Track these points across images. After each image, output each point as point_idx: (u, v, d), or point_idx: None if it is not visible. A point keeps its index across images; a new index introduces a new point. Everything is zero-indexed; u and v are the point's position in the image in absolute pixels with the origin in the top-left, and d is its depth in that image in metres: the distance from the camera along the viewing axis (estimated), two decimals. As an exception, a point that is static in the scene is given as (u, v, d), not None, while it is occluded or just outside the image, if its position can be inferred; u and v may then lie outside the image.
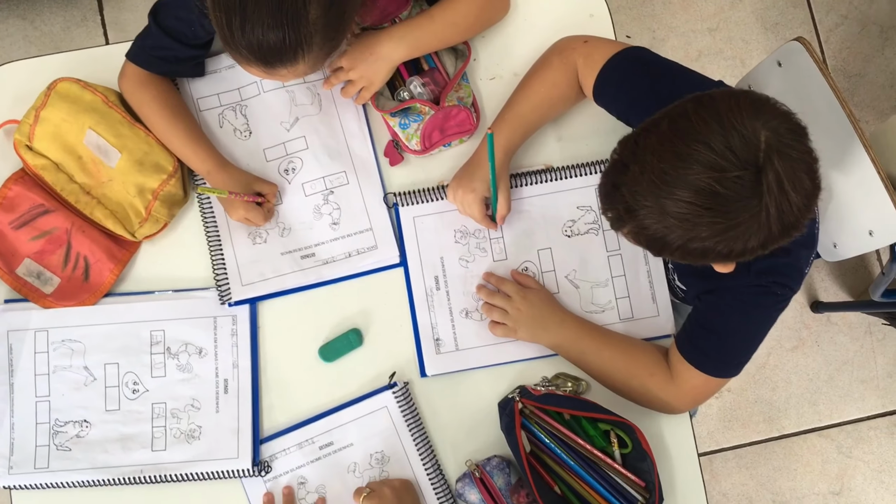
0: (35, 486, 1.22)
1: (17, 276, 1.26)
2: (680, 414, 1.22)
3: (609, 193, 0.94)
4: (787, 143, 0.84)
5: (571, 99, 1.24)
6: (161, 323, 1.25)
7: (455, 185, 1.23)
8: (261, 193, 1.24)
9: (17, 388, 1.24)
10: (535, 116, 1.23)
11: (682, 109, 0.89)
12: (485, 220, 1.23)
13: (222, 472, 1.21)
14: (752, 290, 1.07)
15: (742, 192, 0.84)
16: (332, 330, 1.26)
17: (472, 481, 1.19)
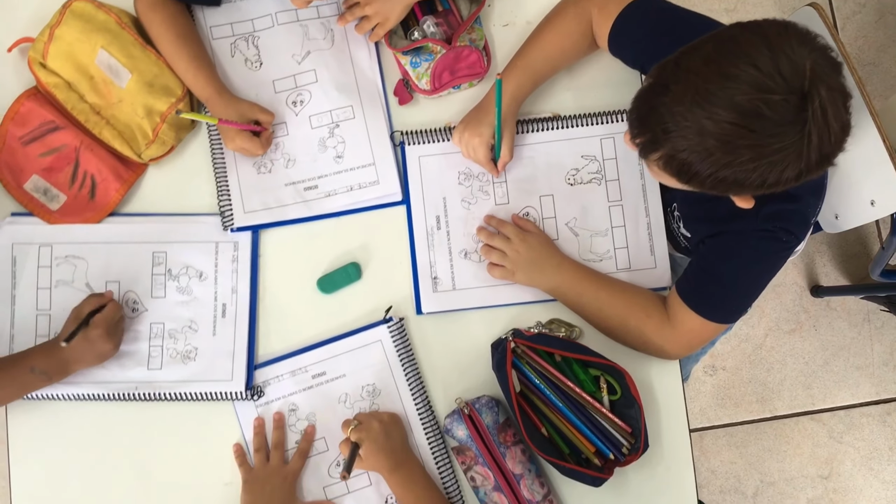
0: (31, 396, 1.23)
1: (24, 191, 1.27)
2: (674, 359, 1.22)
3: (644, 116, 0.93)
4: (829, 75, 0.85)
5: (584, 49, 1.25)
6: (163, 245, 1.26)
7: (462, 127, 1.23)
8: (259, 123, 1.25)
9: (18, 301, 1.26)
10: (546, 66, 1.24)
11: (728, 34, 0.88)
12: (488, 164, 1.24)
13: (216, 393, 1.23)
14: (757, 234, 1.07)
15: (787, 116, 0.84)
16: (332, 263, 1.28)
17: (461, 418, 1.20)
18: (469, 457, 1.19)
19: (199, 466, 1.24)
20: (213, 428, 1.25)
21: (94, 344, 1.16)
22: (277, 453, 1.21)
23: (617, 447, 1.17)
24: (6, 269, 1.26)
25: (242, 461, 1.22)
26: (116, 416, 1.25)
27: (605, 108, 1.28)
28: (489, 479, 1.18)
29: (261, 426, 1.23)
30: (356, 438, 1.13)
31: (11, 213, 1.28)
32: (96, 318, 1.17)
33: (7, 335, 1.25)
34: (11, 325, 1.25)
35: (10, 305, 1.26)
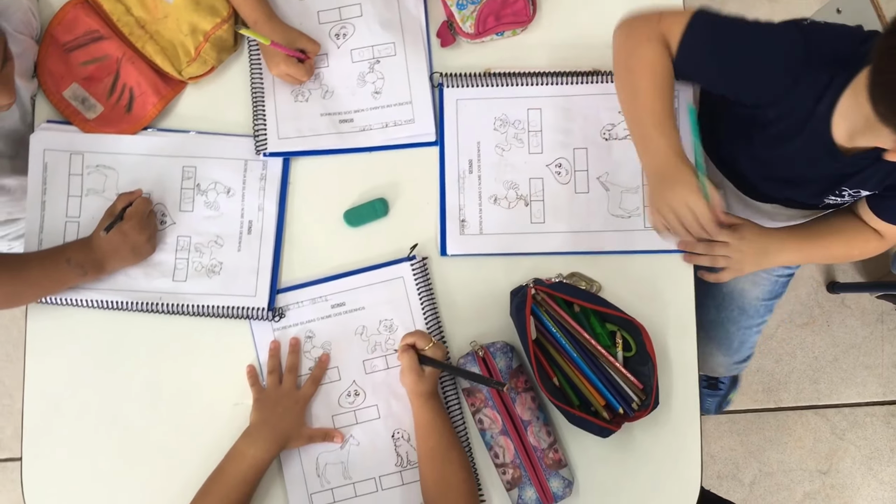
0: (55, 301, 1.24)
1: (63, 97, 1.28)
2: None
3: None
4: None
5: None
6: (193, 160, 1.27)
7: (660, 197, 1.13)
8: (303, 51, 1.25)
9: (48, 206, 1.27)
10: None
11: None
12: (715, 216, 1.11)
13: (238, 308, 1.24)
14: None
15: None
16: (360, 196, 1.28)
17: (475, 360, 1.20)
18: (479, 399, 1.20)
19: (210, 385, 1.25)
20: (228, 348, 1.26)
21: (128, 236, 1.18)
22: (290, 377, 1.22)
23: (627, 402, 1.18)
24: (38, 174, 1.27)
25: (255, 381, 1.23)
26: (133, 327, 1.26)
27: (647, 68, 1.27)
28: (497, 422, 1.19)
29: (276, 349, 1.23)
30: (432, 354, 1.15)
31: (46, 120, 1.29)
32: (129, 211, 1.19)
33: (36, 239, 1.26)
34: (41, 229, 1.26)
35: (39, 211, 1.27)
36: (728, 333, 1.51)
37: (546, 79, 1.27)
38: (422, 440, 1.16)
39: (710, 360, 1.57)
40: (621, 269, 1.26)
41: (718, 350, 1.54)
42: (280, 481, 1.22)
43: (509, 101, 1.28)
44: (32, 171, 1.27)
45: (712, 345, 1.54)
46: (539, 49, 1.30)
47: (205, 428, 1.23)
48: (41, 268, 1.19)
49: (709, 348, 1.54)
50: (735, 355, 1.54)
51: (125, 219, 1.19)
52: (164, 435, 1.25)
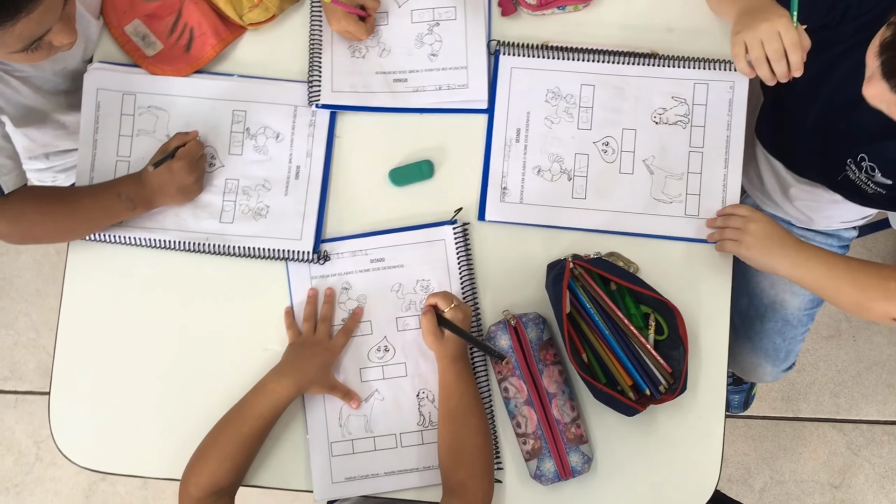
0: (105, 238, 1.26)
1: (124, 32, 1.29)
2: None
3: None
4: None
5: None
6: (244, 104, 1.28)
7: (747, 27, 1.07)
8: (364, 7, 1.26)
9: (99, 145, 1.29)
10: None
11: None
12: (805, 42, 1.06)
13: (283, 251, 1.25)
14: None
15: None
16: (406, 157, 1.29)
17: (506, 328, 1.21)
18: (507, 368, 1.20)
19: (242, 328, 1.27)
20: (263, 294, 1.27)
21: (176, 175, 1.19)
22: (325, 326, 1.23)
23: (654, 384, 1.18)
24: (90, 113, 1.29)
25: (291, 324, 1.24)
26: (172, 266, 1.28)
27: (705, 54, 1.27)
28: (522, 392, 1.20)
29: (314, 297, 1.25)
30: (453, 318, 1.16)
31: (99, 60, 1.30)
32: (181, 151, 1.20)
33: (87, 177, 1.28)
34: (92, 167, 1.28)
35: (91, 149, 1.28)
36: (775, 345, 1.51)
37: (603, 56, 1.27)
38: (442, 401, 1.17)
39: (757, 370, 1.57)
40: (660, 253, 1.26)
41: (767, 361, 1.54)
42: (301, 427, 1.23)
43: (564, 75, 1.28)
44: (85, 109, 1.29)
45: (760, 356, 1.54)
46: (598, 27, 1.30)
47: (233, 370, 1.25)
48: (93, 200, 1.21)
49: (757, 359, 1.54)
50: (782, 364, 1.55)
51: (176, 158, 1.20)
52: (193, 373, 1.26)
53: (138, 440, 1.26)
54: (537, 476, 1.19)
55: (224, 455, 1.13)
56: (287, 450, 1.23)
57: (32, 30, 0.97)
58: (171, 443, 1.23)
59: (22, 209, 1.16)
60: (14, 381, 2.11)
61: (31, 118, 1.28)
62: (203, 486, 1.11)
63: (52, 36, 1.02)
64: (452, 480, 1.11)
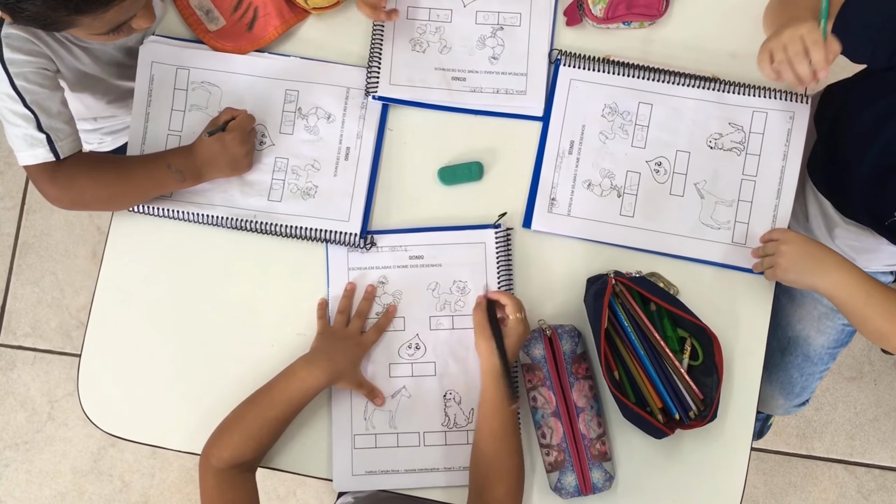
0: (150, 211, 1.27)
1: (188, 4, 1.30)
2: None
3: None
4: None
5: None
6: (296, 83, 1.29)
7: (775, 35, 1.07)
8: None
9: (151, 118, 1.29)
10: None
11: None
12: (833, 47, 1.05)
13: (330, 231, 1.25)
14: None
15: None
16: (457, 156, 1.28)
17: (541, 338, 1.20)
18: (538, 377, 1.20)
19: (278, 310, 1.27)
20: (303, 278, 1.27)
21: (228, 147, 1.20)
22: (358, 321, 1.23)
23: (685, 409, 1.17)
24: (144, 86, 1.29)
25: (323, 315, 1.24)
26: (214, 241, 1.28)
27: (766, 83, 1.26)
28: (551, 403, 1.19)
29: (351, 292, 1.25)
30: (513, 327, 1.15)
31: (153, 33, 1.30)
32: (232, 124, 1.21)
33: (138, 149, 1.29)
34: (143, 140, 1.28)
35: (143, 122, 1.29)
36: (791, 378, 1.50)
37: (664, 76, 1.27)
38: (484, 419, 1.15)
39: (770, 402, 1.56)
40: (701, 278, 1.25)
41: (780, 393, 1.53)
42: (326, 418, 1.23)
43: (622, 91, 1.27)
44: (139, 81, 1.29)
45: (774, 387, 1.53)
46: (661, 45, 1.29)
47: (265, 351, 1.25)
48: (144, 169, 1.22)
49: (770, 390, 1.53)
50: (796, 399, 1.53)
51: (228, 129, 1.21)
52: (223, 350, 1.27)
53: (161, 411, 1.26)
54: (557, 489, 1.19)
55: (248, 433, 1.13)
56: (309, 436, 1.24)
57: (120, 16, 1.01)
58: (194, 417, 1.23)
59: (74, 174, 1.17)
60: (34, 339, 2.13)
61: (87, 84, 1.29)
62: (225, 459, 1.11)
63: (134, 20, 1.05)
64: (489, 496, 1.11)
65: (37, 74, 1.11)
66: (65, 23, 1.00)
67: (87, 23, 1.00)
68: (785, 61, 1.05)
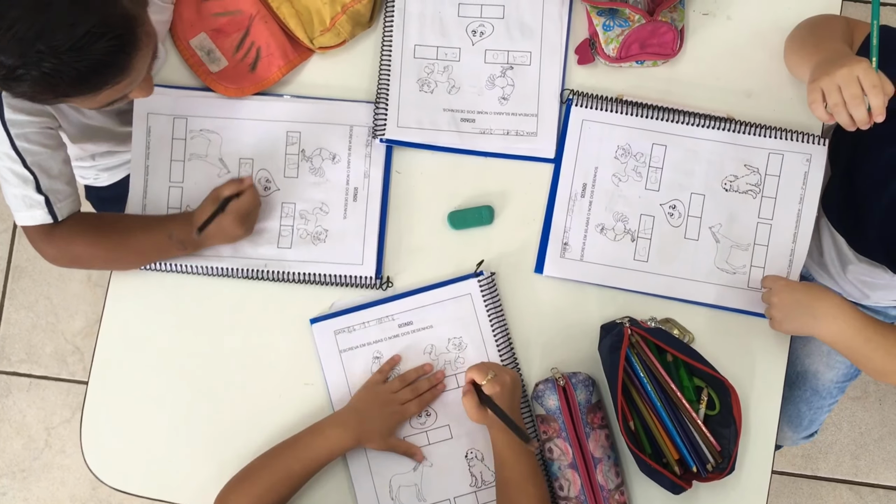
0: (158, 268, 1.24)
1: (189, 45, 1.26)
2: None
3: None
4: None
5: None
6: (297, 125, 1.25)
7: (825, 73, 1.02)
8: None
9: (151, 171, 1.25)
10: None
11: None
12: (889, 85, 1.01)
13: (345, 276, 1.22)
14: None
15: None
16: (467, 200, 1.26)
17: (555, 388, 1.18)
18: (553, 428, 1.18)
19: (286, 360, 1.24)
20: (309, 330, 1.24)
21: (227, 230, 1.16)
22: (409, 392, 1.19)
23: (702, 461, 1.15)
24: (141, 138, 1.25)
25: (385, 370, 1.21)
26: (219, 291, 1.26)
27: (782, 124, 1.23)
28: (567, 454, 1.17)
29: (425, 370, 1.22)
30: (491, 392, 1.11)
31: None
32: (231, 205, 1.15)
33: (140, 204, 1.25)
34: (144, 195, 1.25)
35: (143, 175, 1.25)
36: (799, 412, 1.49)
37: (677, 116, 1.24)
38: (498, 469, 1.14)
39: (777, 434, 1.54)
40: (716, 323, 1.23)
41: (787, 426, 1.51)
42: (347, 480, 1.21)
43: (636, 132, 1.25)
44: (136, 135, 1.25)
45: (782, 420, 1.50)
46: (675, 84, 1.26)
47: (273, 401, 1.23)
48: (145, 235, 1.19)
49: (778, 423, 1.51)
50: (804, 431, 1.52)
51: (227, 212, 1.15)
52: (231, 401, 1.24)
53: (167, 463, 1.24)
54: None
55: (269, 485, 1.11)
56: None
57: (114, 96, 0.97)
58: (200, 470, 1.22)
59: (72, 236, 1.14)
60: (29, 365, 2.09)
61: (90, 134, 1.26)
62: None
63: (132, 92, 1.01)
64: None
65: (39, 134, 1.08)
66: (56, 101, 0.98)
67: (79, 102, 0.98)
68: (840, 104, 1.01)
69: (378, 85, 1.26)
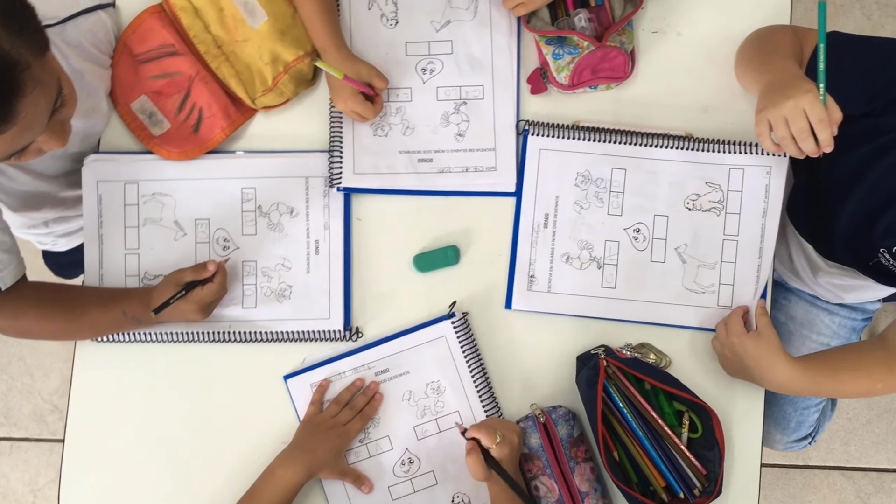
0: (119, 339, 1.22)
1: (130, 109, 1.23)
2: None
3: None
4: None
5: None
6: (253, 180, 1.23)
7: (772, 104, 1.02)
8: (371, 86, 1.19)
9: (105, 240, 1.23)
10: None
11: None
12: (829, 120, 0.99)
13: (313, 332, 1.21)
14: None
15: None
16: (431, 242, 1.24)
17: (535, 425, 1.17)
18: (537, 466, 1.17)
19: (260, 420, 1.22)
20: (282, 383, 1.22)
21: (185, 314, 1.14)
22: (350, 413, 1.19)
23: (689, 487, 1.15)
24: (93, 207, 1.23)
25: (316, 400, 1.21)
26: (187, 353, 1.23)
27: (742, 136, 1.22)
28: (553, 491, 1.16)
29: (357, 388, 1.21)
30: (499, 456, 1.08)
31: (95, 151, 1.24)
32: (194, 295, 1.12)
33: (96, 274, 1.22)
34: (100, 264, 1.22)
35: (97, 245, 1.23)
36: (785, 414, 1.49)
37: (636, 139, 1.22)
38: None
39: (767, 437, 1.54)
40: (693, 344, 1.22)
41: (775, 429, 1.51)
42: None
43: (594, 157, 1.23)
44: (87, 204, 1.22)
45: (769, 423, 1.51)
46: (631, 106, 1.25)
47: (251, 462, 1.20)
48: (99, 311, 1.16)
49: (766, 426, 1.51)
50: (793, 434, 1.52)
51: (188, 299, 1.11)
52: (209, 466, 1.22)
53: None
54: (568, 578, 1.16)
55: None
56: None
57: (7, 147, 0.86)
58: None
59: (22, 308, 1.11)
60: (8, 428, 2.05)
61: (32, 202, 1.22)
62: None
63: (39, 143, 0.91)
64: None
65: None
66: None
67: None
68: (788, 137, 1.01)
69: (331, 133, 1.23)
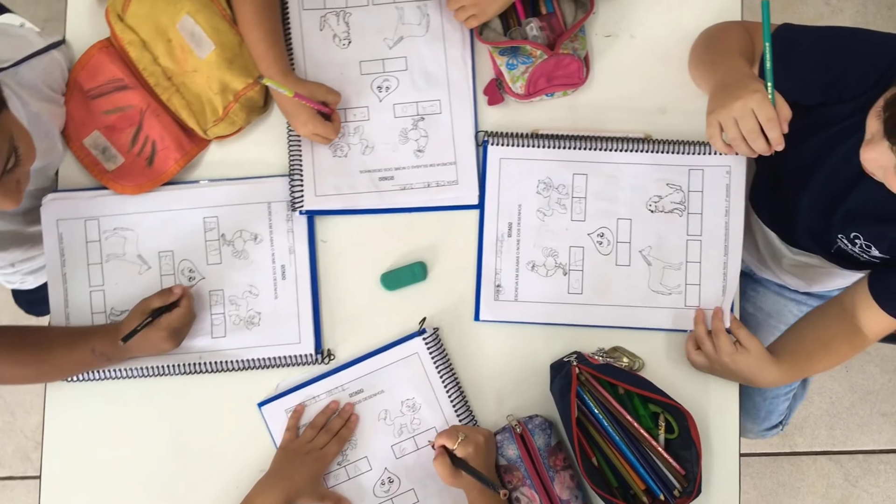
0: (90, 378, 1.21)
1: (82, 145, 1.22)
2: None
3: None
4: None
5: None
6: (214, 209, 1.22)
7: (721, 105, 1.03)
8: (326, 103, 1.19)
9: (69, 279, 1.22)
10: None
11: None
12: (778, 120, 1.01)
13: (284, 357, 1.20)
14: None
15: None
16: (398, 259, 1.23)
17: (512, 437, 1.17)
18: (517, 477, 1.17)
19: (237, 449, 1.22)
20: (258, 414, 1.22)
21: (155, 343, 1.13)
22: (326, 437, 1.18)
23: (668, 488, 1.15)
24: (54, 246, 1.22)
25: (292, 426, 1.20)
26: (160, 385, 1.22)
27: (700, 135, 1.22)
28: (534, 501, 1.16)
29: (332, 410, 1.20)
30: (463, 454, 1.09)
31: (53, 189, 1.23)
32: (163, 321, 1.12)
33: (62, 314, 1.22)
34: (66, 303, 1.22)
35: (62, 284, 1.22)
36: (755, 403, 1.49)
37: (595, 143, 1.23)
38: None
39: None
40: (665, 345, 1.23)
41: (746, 418, 1.52)
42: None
43: (555, 164, 1.23)
44: (48, 243, 1.22)
45: (740, 413, 1.51)
46: (589, 111, 1.25)
47: (229, 492, 1.20)
48: (67, 351, 1.15)
49: (738, 437, 1.52)
50: (763, 423, 1.52)
51: (156, 326, 1.12)
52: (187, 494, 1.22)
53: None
54: (553, 587, 1.16)
55: None
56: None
57: None
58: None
59: None
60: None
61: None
62: None
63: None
64: None
65: None
66: None
67: None
68: (739, 138, 1.02)
69: (290, 156, 1.23)
